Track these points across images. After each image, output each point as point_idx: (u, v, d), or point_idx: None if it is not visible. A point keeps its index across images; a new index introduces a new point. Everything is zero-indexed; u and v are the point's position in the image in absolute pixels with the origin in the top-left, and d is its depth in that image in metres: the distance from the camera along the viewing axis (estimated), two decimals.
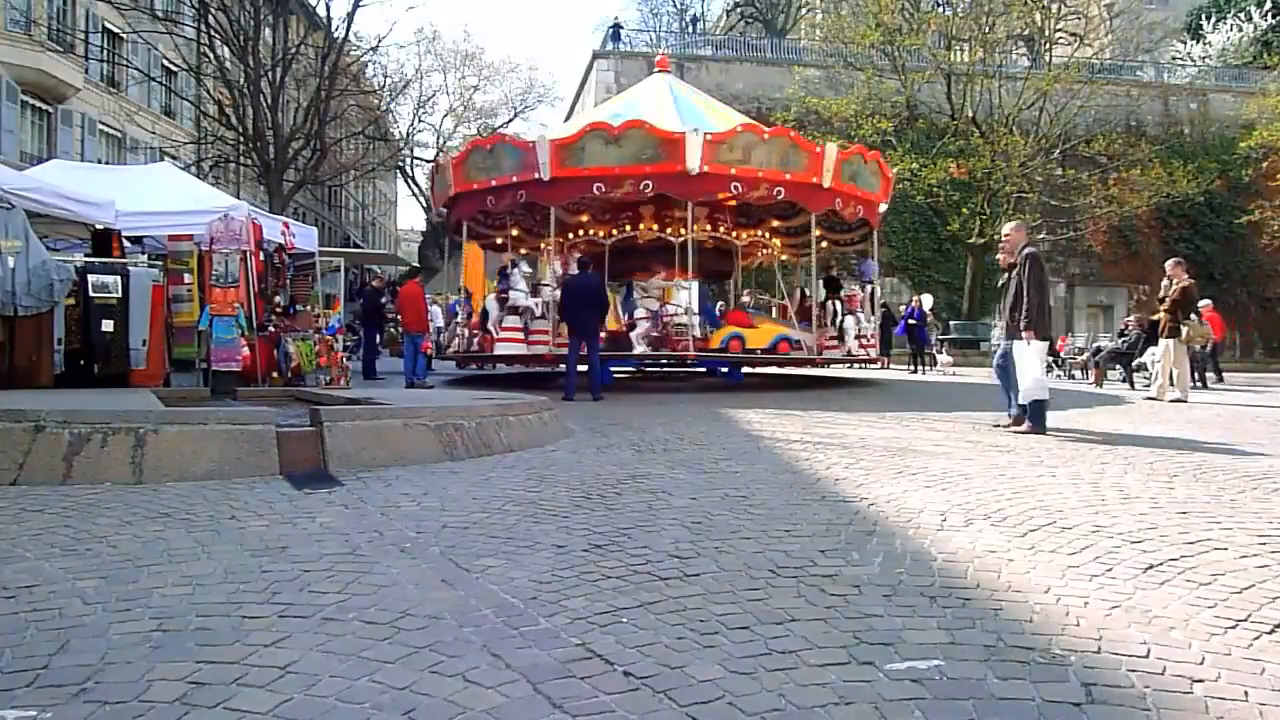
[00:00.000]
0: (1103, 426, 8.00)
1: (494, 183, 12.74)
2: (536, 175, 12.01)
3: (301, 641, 2.35)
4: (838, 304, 14.93)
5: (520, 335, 12.90)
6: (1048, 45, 28.99)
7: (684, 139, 11.61)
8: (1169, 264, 11.47)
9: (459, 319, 14.61)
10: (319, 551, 3.27)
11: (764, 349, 13.60)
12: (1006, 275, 7.60)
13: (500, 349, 12.96)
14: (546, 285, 13.60)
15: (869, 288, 15.48)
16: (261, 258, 9.41)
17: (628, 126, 12.01)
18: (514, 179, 12.42)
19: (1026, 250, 7.33)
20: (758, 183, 12.17)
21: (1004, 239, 7.73)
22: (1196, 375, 13.63)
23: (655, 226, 14.57)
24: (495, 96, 49.09)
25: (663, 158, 11.74)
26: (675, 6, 48.49)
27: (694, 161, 11.54)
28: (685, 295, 13.98)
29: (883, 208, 14.55)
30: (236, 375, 8.29)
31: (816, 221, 13.92)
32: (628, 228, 14.82)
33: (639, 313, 13.69)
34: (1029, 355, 7.04)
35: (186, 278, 9.11)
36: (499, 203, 13.02)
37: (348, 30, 25.59)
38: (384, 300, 17.90)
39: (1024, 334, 7.07)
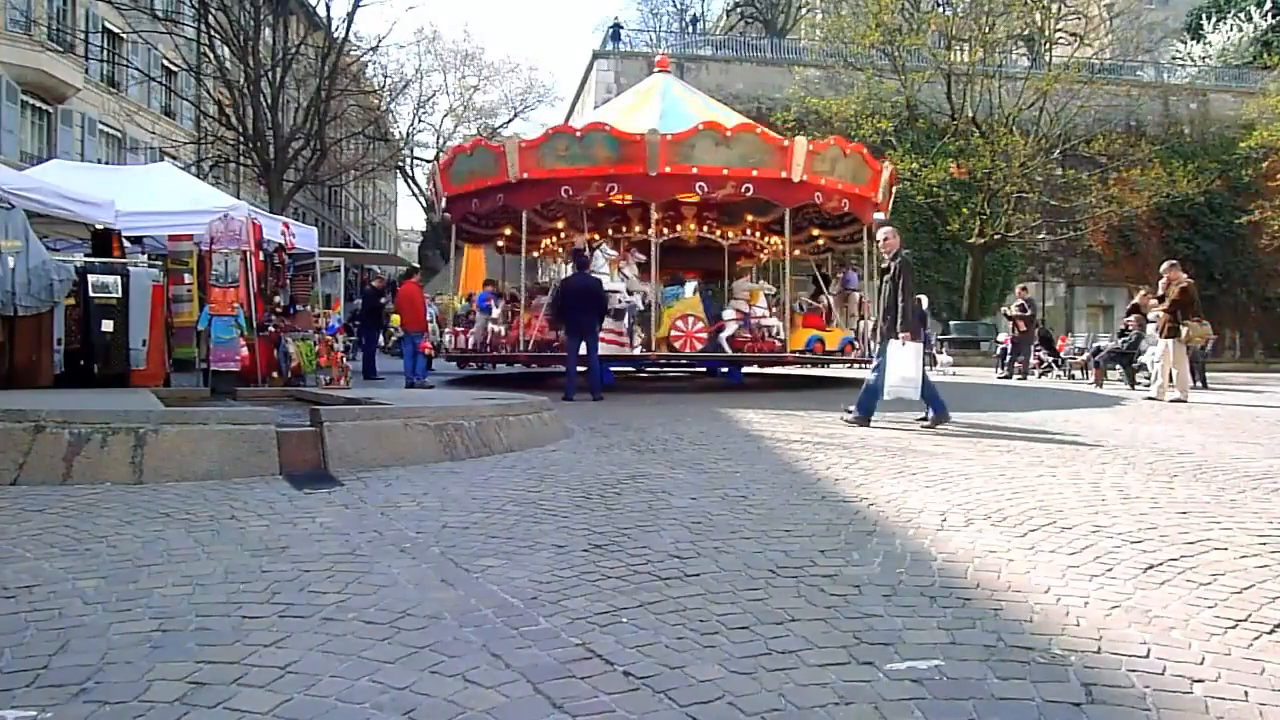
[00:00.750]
0: (1103, 426, 8.00)
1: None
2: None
3: (301, 641, 2.35)
4: (829, 300, 14.93)
5: (621, 337, 12.40)
6: (1048, 45, 28.99)
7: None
8: (1164, 266, 11.48)
9: (493, 314, 14.24)
10: (319, 551, 3.27)
11: (835, 351, 13.83)
12: (881, 279, 7.86)
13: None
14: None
15: (855, 295, 15.42)
16: (261, 258, 9.40)
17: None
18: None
19: (900, 255, 7.60)
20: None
21: (882, 243, 7.93)
22: (1196, 375, 13.63)
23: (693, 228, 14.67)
24: (495, 96, 49.14)
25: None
26: (675, 6, 48.53)
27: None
28: (764, 298, 13.75)
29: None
30: (236, 375, 8.29)
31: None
32: (638, 228, 14.86)
33: (728, 314, 13.36)
34: (903, 355, 7.31)
35: (186, 278, 9.11)
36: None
37: (348, 30, 25.63)
38: (384, 300, 17.90)
39: (900, 336, 7.35)
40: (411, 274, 15.17)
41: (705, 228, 15.04)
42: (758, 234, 16.06)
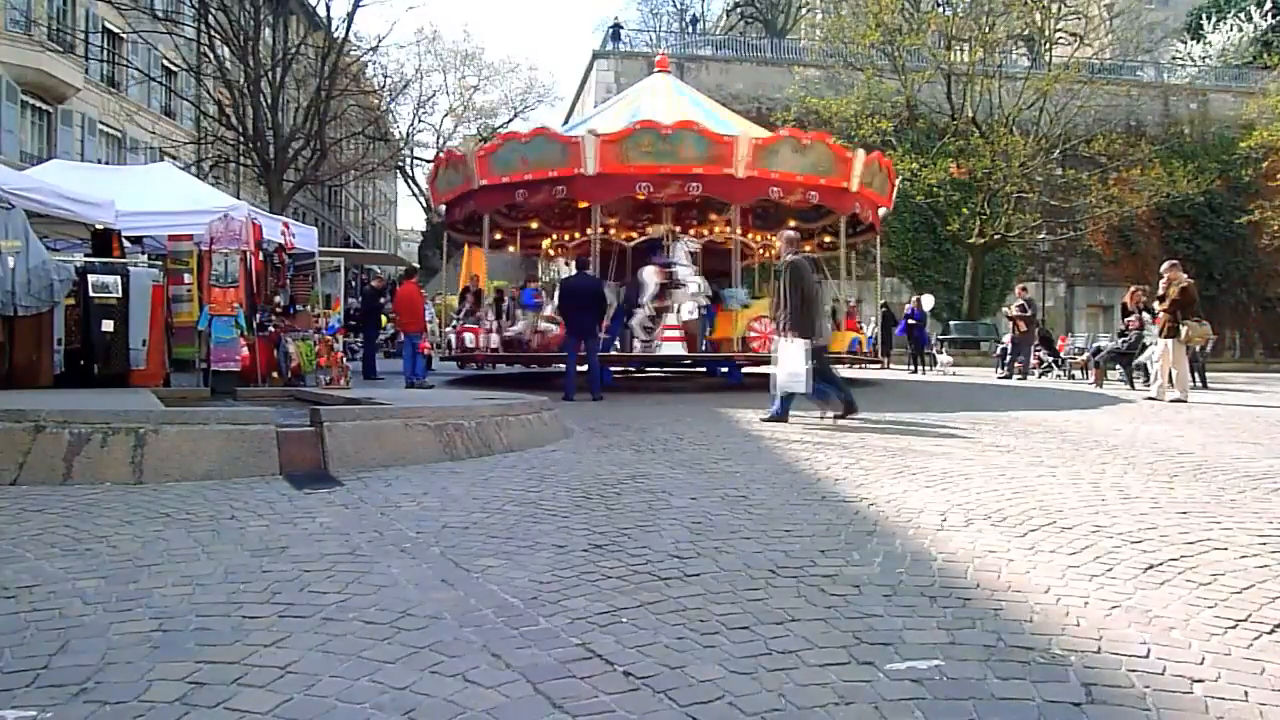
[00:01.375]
0: (1103, 426, 8.00)
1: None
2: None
3: (301, 641, 2.35)
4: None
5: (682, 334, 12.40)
6: (1048, 45, 29.02)
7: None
8: (1164, 266, 11.48)
9: (544, 311, 14.04)
10: (319, 551, 3.27)
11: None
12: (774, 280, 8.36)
13: (666, 349, 12.44)
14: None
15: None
16: (261, 258, 9.40)
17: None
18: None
19: (788, 259, 8.04)
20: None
21: (781, 247, 8.37)
22: (1195, 375, 13.63)
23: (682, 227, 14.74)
24: (495, 96, 49.09)
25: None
26: (675, 6, 48.56)
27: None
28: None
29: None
30: (236, 375, 8.29)
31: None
32: (649, 229, 14.93)
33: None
34: (791, 351, 7.68)
35: (186, 278, 9.11)
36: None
37: (348, 30, 25.63)
38: (383, 300, 17.91)
39: (787, 334, 7.80)
40: (411, 274, 15.14)
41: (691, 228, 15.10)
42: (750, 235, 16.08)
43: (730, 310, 13.01)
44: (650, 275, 12.49)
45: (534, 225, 16.28)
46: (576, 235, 15.73)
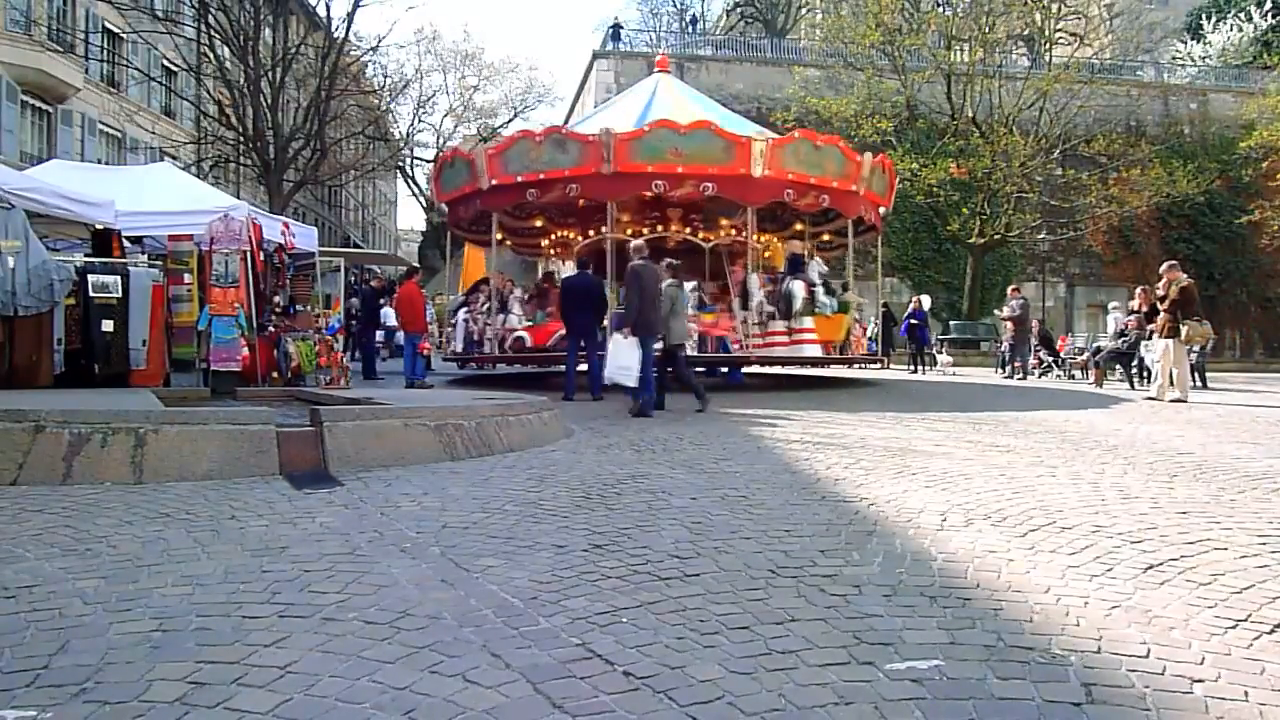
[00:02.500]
0: (1103, 426, 8.00)
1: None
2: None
3: (301, 641, 2.35)
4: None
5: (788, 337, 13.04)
6: (1048, 45, 29.01)
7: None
8: (1164, 267, 11.47)
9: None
10: (319, 551, 3.27)
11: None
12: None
13: (807, 350, 13.05)
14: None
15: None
16: (262, 258, 9.40)
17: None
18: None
19: (630, 265, 8.94)
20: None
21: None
22: (1195, 375, 13.63)
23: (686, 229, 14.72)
24: (495, 96, 49.14)
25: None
26: (675, 6, 48.57)
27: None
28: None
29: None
30: (236, 375, 8.29)
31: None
32: (659, 228, 14.90)
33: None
34: (622, 347, 8.48)
35: (186, 278, 9.11)
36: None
37: (348, 30, 25.61)
38: (383, 301, 17.90)
39: (622, 332, 8.71)
40: (412, 274, 15.11)
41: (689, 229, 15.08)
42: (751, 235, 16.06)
43: (826, 315, 13.45)
44: (799, 289, 13.35)
45: (539, 224, 16.23)
46: (579, 236, 15.70)
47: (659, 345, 8.88)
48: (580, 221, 15.52)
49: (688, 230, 14.84)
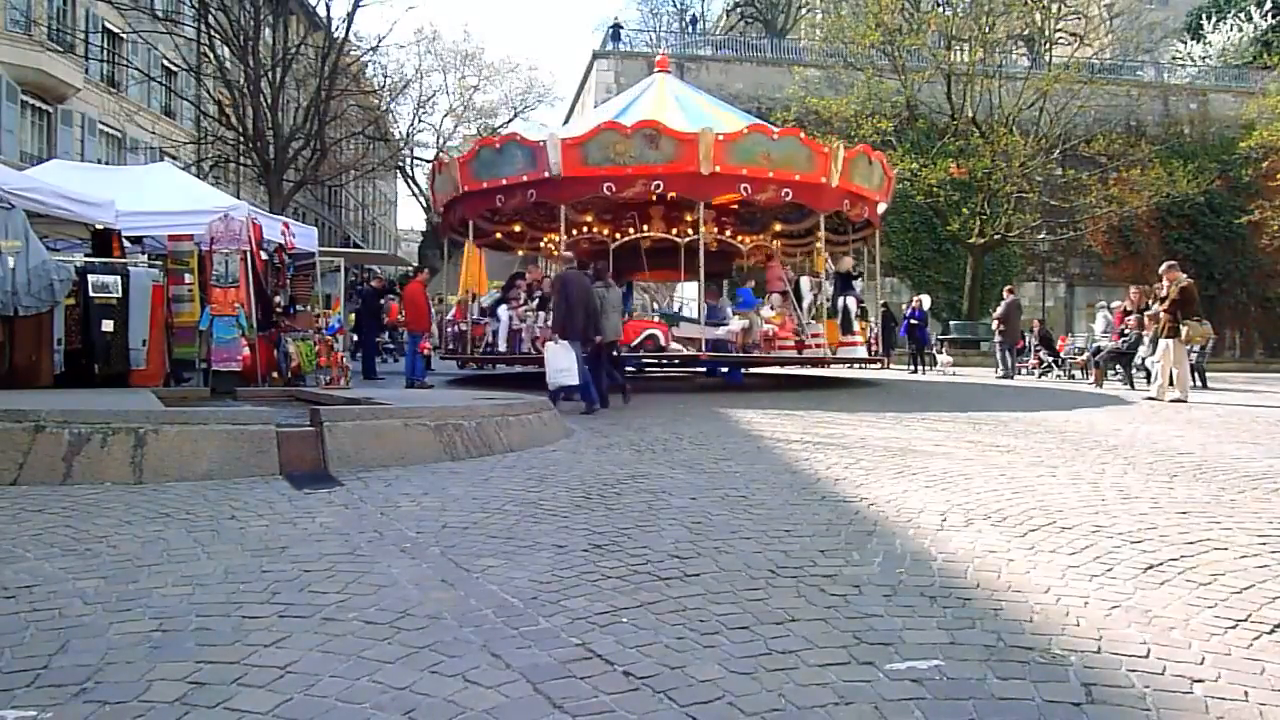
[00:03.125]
0: (1103, 426, 8.00)
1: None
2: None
3: (301, 641, 2.35)
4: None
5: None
6: (1048, 45, 29.00)
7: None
8: (1163, 268, 11.47)
9: (753, 310, 14.01)
10: (319, 551, 3.27)
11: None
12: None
13: (848, 352, 14.14)
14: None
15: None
16: (262, 258, 9.40)
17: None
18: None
19: (556, 273, 9.50)
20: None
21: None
22: (1195, 375, 13.63)
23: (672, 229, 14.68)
24: (495, 96, 48.98)
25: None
26: (675, 6, 48.49)
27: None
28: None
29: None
30: (236, 375, 8.29)
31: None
32: (632, 230, 14.87)
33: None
34: (558, 352, 8.82)
35: (186, 278, 9.11)
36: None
37: (348, 30, 25.59)
38: (383, 301, 17.88)
39: (553, 338, 9.18)
40: (418, 272, 15.06)
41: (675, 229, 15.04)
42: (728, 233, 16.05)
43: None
44: (852, 304, 14.24)
45: (517, 228, 16.25)
46: (558, 237, 15.69)
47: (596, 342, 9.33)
48: (561, 226, 15.43)
49: (673, 231, 14.82)
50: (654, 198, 13.05)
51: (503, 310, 13.73)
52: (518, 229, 16.19)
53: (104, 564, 3.08)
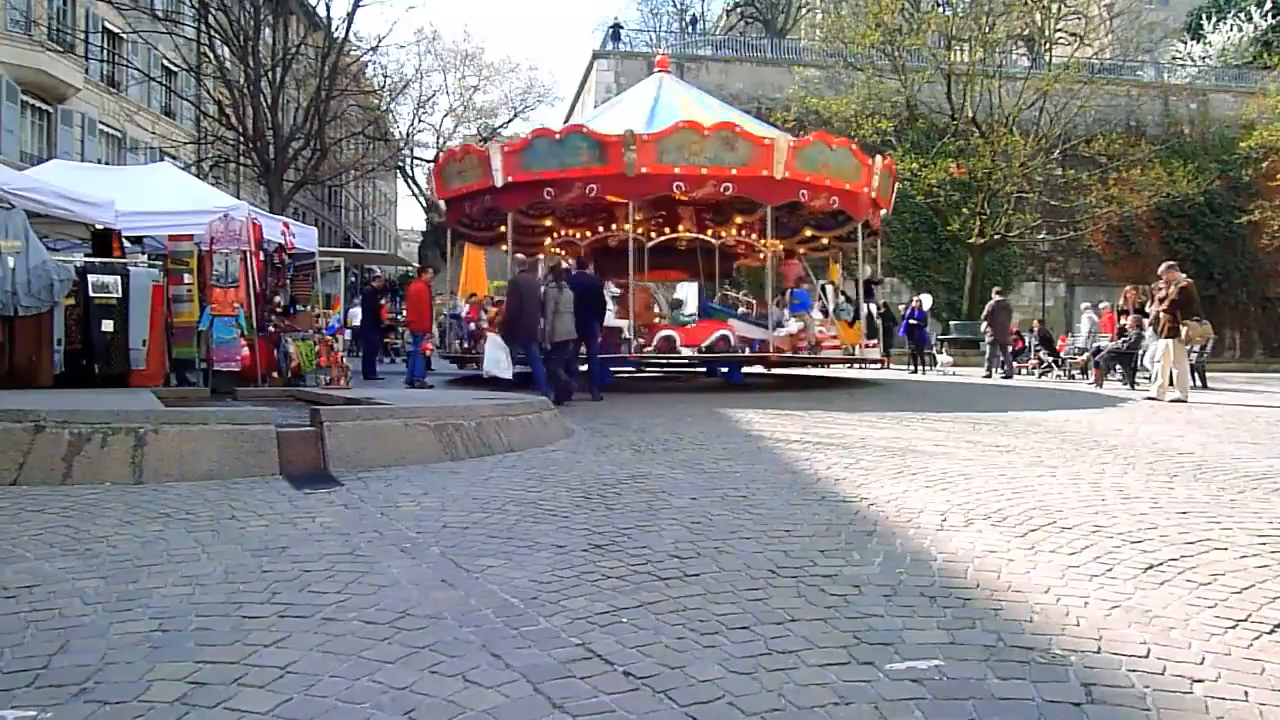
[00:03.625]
0: (1103, 426, 8.00)
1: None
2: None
3: (301, 641, 2.35)
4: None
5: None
6: (1048, 45, 28.99)
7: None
8: (1162, 268, 11.47)
9: (813, 314, 14.30)
10: (319, 551, 3.27)
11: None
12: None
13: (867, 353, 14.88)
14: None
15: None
16: (262, 258, 9.40)
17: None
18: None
19: (511, 277, 10.20)
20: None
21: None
22: (1195, 375, 13.63)
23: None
24: (495, 96, 49.00)
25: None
26: (675, 6, 48.50)
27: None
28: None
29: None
30: (236, 375, 8.29)
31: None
32: (667, 230, 14.92)
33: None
34: (492, 347, 9.88)
35: (186, 278, 9.11)
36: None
37: (348, 30, 25.59)
38: (383, 301, 17.88)
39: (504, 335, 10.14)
40: (420, 272, 15.00)
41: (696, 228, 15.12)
42: (754, 235, 16.10)
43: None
44: (874, 310, 15.09)
45: (547, 223, 16.17)
46: (587, 234, 15.67)
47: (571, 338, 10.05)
48: (588, 220, 15.47)
49: (703, 231, 14.90)
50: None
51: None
52: (548, 223, 16.13)
53: (104, 564, 3.08)
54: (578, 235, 15.75)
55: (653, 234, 15.11)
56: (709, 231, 15.19)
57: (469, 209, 13.90)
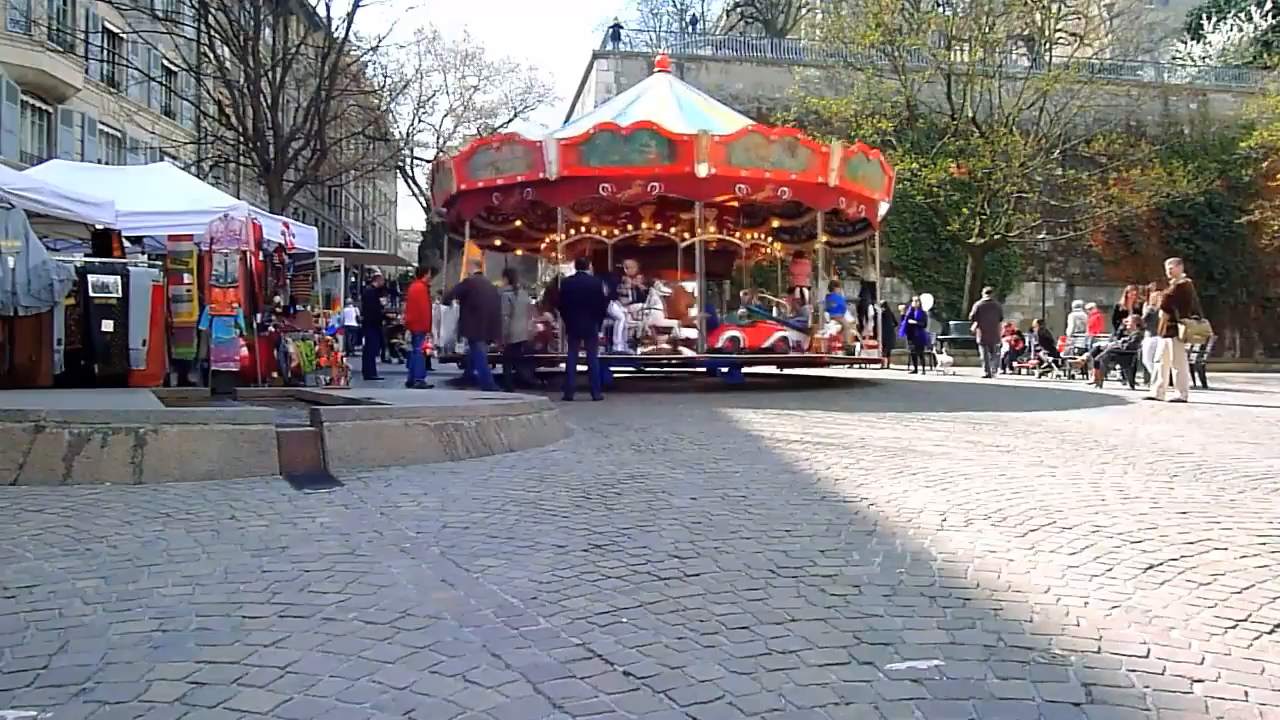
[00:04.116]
0: (1103, 426, 8.00)
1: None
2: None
3: (301, 641, 2.35)
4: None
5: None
6: (1048, 45, 28.98)
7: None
8: (1169, 263, 11.45)
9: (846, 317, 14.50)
10: (319, 551, 3.27)
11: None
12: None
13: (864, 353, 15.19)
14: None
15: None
16: (261, 258, 9.40)
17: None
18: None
19: (461, 280, 10.82)
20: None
21: None
22: (1195, 375, 13.62)
23: (658, 226, 14.64)
24: (495, 96, 49.23)
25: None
26: (675, 6, 48.48)
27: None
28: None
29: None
30: (236, 375, 8.28)
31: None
32: (629, 227, 14.83)
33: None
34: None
35: (186, 278, 9.11)
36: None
37: (348, 30, 25.60)
38: (384, 301, 17.89)
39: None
40: (421, 273, 15.00)
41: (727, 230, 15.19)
42: (750, 235, 16.08)
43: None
44: (875, 311, 15.36)
45: (518, 225, 16.26)
46: (615, 232, 15.60)
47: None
48: (613, 219, 15.41)
49: (659, 228, 14.80)
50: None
51: (616, 307, 13.27)
52: (518, 225, 16.14)
53: (104, 564, 3.08)
54: (604, 233, 15.61)
55: (686, 234, 15.04)
56: (739, 234, 15.33)
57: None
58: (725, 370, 13.74)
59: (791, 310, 14.97)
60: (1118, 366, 15.01)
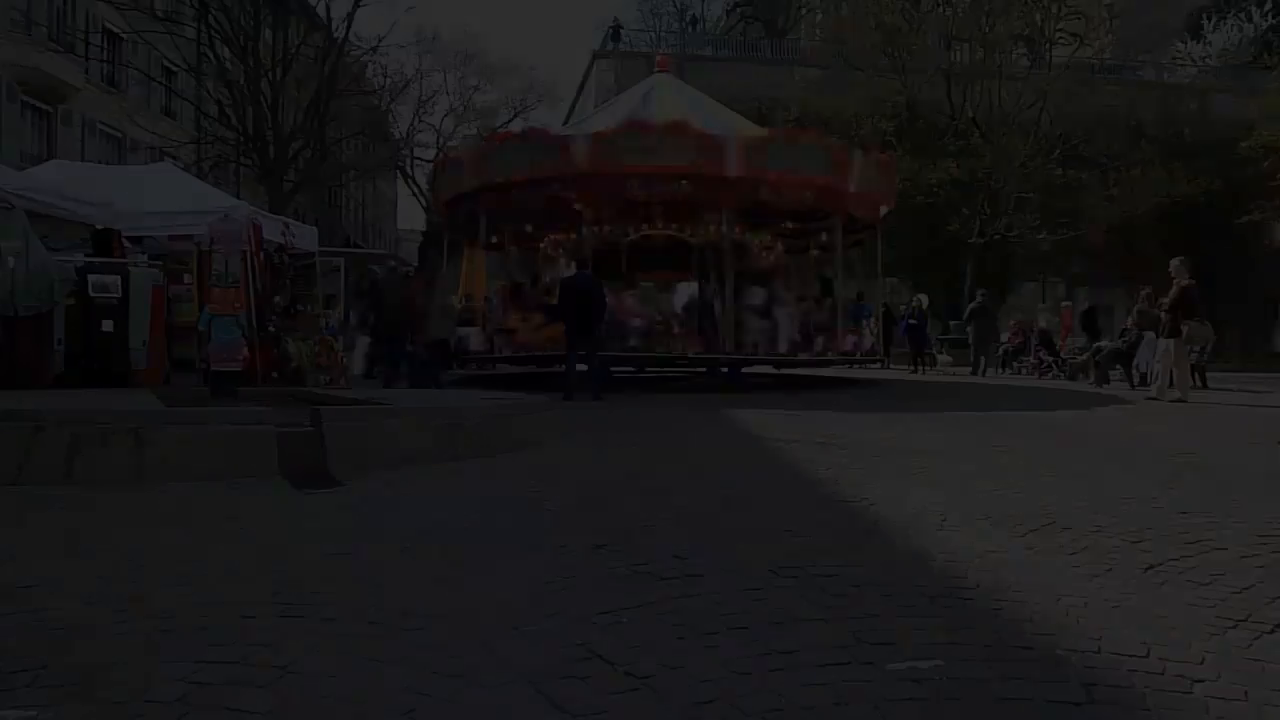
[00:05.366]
0: (1103, 426, 8.00)
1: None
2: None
3: (301, 642, 2.35)
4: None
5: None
6: (1048, 45, 28.98)
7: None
8: (1172, 264, 11.44)
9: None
10: (319, 552, 3.27)
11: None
12: None
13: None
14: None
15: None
16: (262, 258, 9.40)
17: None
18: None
19: (373, 279, 11.08)
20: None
21: None
22: (1196, 375, 13.61)
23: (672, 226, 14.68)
24: (495, 96, 48.89)
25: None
26: (675, 6, 48.37)
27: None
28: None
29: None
30: (236, 375, 8.27)
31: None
32: (644, 226, 14.81)
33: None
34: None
35: (186, 278, 9.12)
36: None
37: (347, 31, 25.60)
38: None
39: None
40: (421, 273, 14.99)
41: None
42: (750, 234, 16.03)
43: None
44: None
45: (528, 228, 16.13)
46: (573, 235, 15.58)
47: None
48: (573, 224, 15.36)
49: (674, 228, 14.79)
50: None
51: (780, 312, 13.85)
52: (529, 228, 16.10)
53: (104, 564, 3.08)
54: (624, 229, 15.51)
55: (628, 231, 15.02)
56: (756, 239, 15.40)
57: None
58: (725, 370, 13.74)
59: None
60: (1118, 366, 15.00)
